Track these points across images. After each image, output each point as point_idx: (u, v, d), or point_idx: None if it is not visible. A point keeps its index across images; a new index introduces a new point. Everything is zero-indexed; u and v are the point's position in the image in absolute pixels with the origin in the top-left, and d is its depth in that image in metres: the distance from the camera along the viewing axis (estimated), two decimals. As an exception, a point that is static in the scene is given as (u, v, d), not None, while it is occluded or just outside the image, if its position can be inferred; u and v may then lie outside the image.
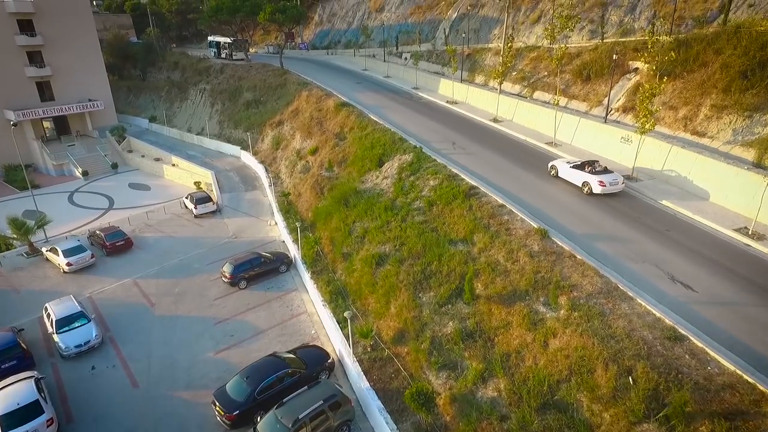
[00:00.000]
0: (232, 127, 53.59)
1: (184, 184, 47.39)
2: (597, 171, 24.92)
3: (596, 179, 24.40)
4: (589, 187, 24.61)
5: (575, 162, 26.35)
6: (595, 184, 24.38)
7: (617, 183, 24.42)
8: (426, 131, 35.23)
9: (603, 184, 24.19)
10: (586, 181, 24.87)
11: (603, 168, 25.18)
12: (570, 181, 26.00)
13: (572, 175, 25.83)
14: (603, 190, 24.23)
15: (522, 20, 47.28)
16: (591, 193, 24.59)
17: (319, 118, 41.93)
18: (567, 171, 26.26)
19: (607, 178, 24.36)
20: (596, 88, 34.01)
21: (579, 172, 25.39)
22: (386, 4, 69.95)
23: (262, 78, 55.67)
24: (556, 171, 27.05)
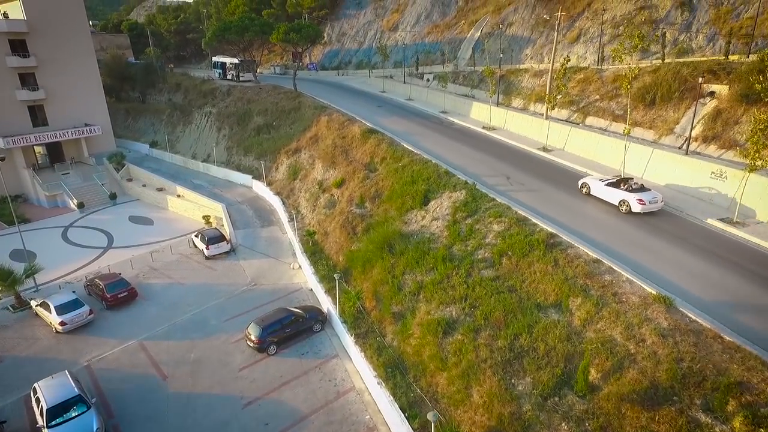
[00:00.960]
0: (241, 154, 49.49)
1: (190, 217, 43.04)
2: (634, 189, 23.59)
3: (635, 197, 23.14)
4: (628, 206, 23.37)
5: (609, 179, 25.05)
6: (634, 202, 23.15)
7: (657, 201, 23.13)
8: (471, 162, 31.31)
9: (643, 203, 22.94)
10: (623, 199, 23.61)
11: (640, 185, 23.85)
12: (604, 199, 24.74)
13: (607, 193, 24.55)
14: (643, 209, 22.96)
15: (559, 39, 43.96)
16: (629, 211, 23.31)
17: (344, 147, 37.94)
18: (601, 189, 24.92)
19: (647, 197, 23.10)
20: (663, 113, 30.38)
21: (615, 189, 24.14)
22: (400, 23, 66.92)
23: (273, 101, 51.85)
24: (588, 189, 25.71)
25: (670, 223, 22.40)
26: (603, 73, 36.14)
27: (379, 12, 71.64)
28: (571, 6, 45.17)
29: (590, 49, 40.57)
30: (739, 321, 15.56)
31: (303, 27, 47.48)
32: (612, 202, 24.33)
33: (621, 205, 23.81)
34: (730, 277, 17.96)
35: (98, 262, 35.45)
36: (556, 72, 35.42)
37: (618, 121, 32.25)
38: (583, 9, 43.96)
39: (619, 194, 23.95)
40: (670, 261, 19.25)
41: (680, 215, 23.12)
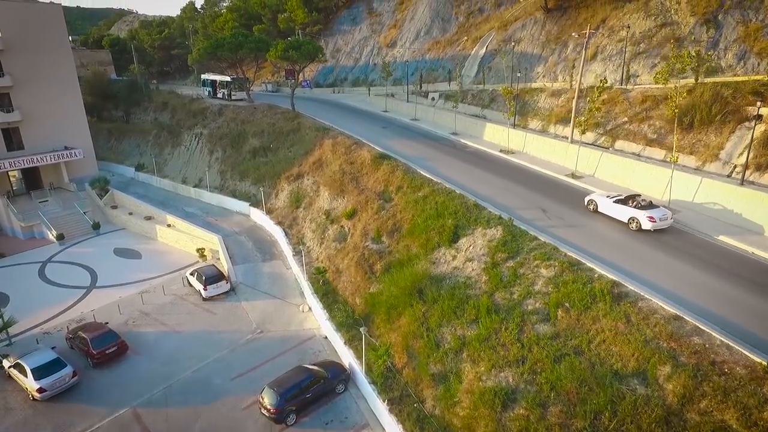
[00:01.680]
0: (236, 179, 46.19)
1: (182, 249, 39.49)
2: (643, 206, 23.56)
3: (645, 215, 23.07)
4: (638, 223, 23.30)
5: (617, 196, 25.09)
6: (644, 219, 23.04)
7: (667, 218, 23.13)
8: (498, 192, 28.68)
9: (653, 220, 22.90)
10: (633, 216, 23.52)
11: (648, 202, 23.78)
12: (613, 216, 24.54)
13: (616, 210, 24.41)
14: (653, 226, 22.88)
15: (573, 57, 42.06)
16: (639, 229, 23.17)
17: (353, 173, 35.05)
18: (609, 206, 24.76)
19: (657, 213, 23.07)
20: (703, 138, 28.24)
21: (624, 207, 24.01)
22: (398, 39, 64.79)
23: (270, 122, 48.81)
24: (595, 205, 25.55)
25: (731, 262, 19.96)
26: (628, 93, 34.10)
27: (376, 28, 69.53)
28: (584, 23, 43.33)
29: (609, 67, 38.64)
30: None
31: (302, 44, 44.85)
32: (621, 219, 24.11)
33: (630, 223, 23.64)
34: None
35: (81, 306, 31.68)
36: (588, 92, 33.30)
37: (652, 145, 30.06)
38: (597, 26, 42.17)
39: (629, 211, 23.72)
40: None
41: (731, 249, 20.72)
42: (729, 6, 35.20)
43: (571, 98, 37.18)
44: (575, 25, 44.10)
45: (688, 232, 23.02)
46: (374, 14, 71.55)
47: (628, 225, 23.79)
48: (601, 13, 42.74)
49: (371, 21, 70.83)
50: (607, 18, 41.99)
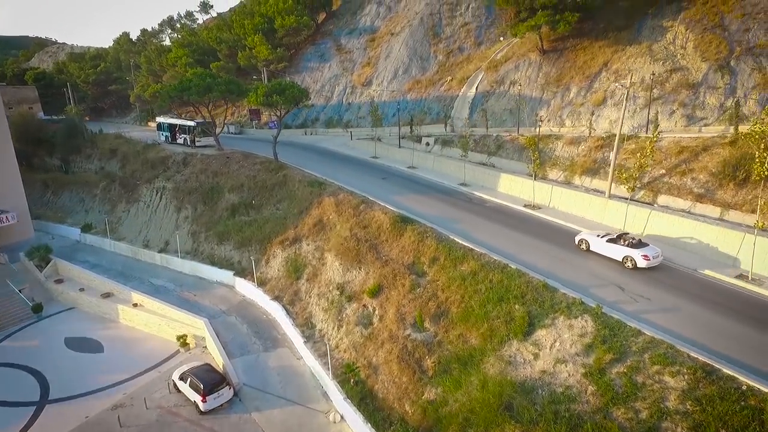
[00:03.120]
0: (213, 242, 39.78)
1: (156, 334, 32.63)
2: (634, 244, 24.28)
3: (639, 253, 23.81)
4: (633, 262, 23.91)
5: (607, 235, 25.80)
6: (639, 258, 23.74)
7: (658, 256, 24.01)
8: (554, 264, 25.03)
9: (647, 258, 23.64)
10: (628, 255, 24.12)
11: (638, 240, 24.54)
12: (606, 255, 25.15)
13: (609, 249, 25.02)
14: (647, 264, 23.63)
15: (579, 101, 40.33)
16: (635, 267, 23.84)
17: (369, 239, 30.29)
18: (602, 245, 25.38)
19: (650, 252, 23.88)
20: (764, 194, 26.29)
21: (616, 246, 24.67)
22: (374, 78, 61.45)
23: (249, 174, 43.04)
24: (587, 245, 26.15)
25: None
26: (659, 143, 32.21)
27: (347, 65, 65.93)
28: (584, 65, 42.08)
29: (627, 113, 36.92)
30: None
31: (286, 87, 40.02)
32: (615, 258, 24.73)
33: (625, 261, 24.27)
34: None
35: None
36: (639, 145, 31.09)
37: (703, 201, 27.90)
38: (599, 69, 40.89)
39: (622, 250, 24.39)
40: None
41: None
42: (740, 52, 34.78)
43: (592, 147, 35.00)
44: (575, 68, 42.74)
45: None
46: (344, 51, 68.09)
47: (623, 264, 24.35)
48: (601, 57, 41.60)
49: (341, 58, 67.22)
50: (609, 61, 40.84)
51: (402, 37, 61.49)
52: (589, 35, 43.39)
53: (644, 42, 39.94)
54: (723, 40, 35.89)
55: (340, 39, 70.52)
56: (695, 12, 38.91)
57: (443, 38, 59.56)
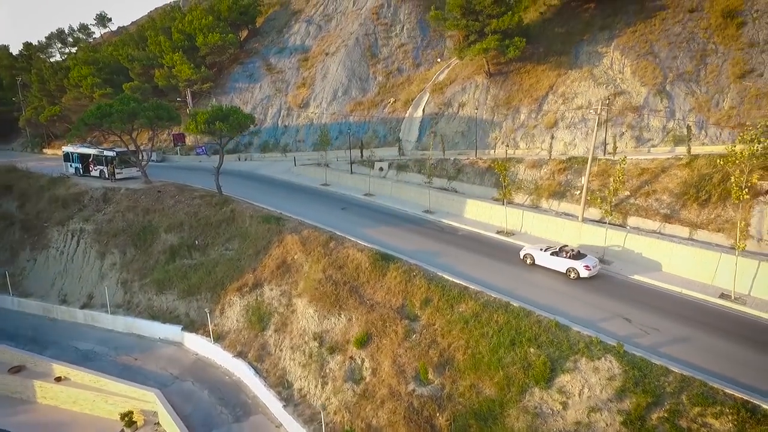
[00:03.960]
0: (151, 291, 34.43)
1: (90, 413, 27.14)
2: (575, 255, 26.07)
3: (581, 264, 25.53)
4: (576, 272, 25.62)
5: (550, 248, 27.26)
6: (581, 268, 25.47)
7: (597, 266, 25.99)
8: (552, 296, 24.19)
9: (589, 269, 25.46)
10: (572, 267, 25.76)
11: (577, 251, 26.40)
12: (551, 268, 26.57)
13: (553, 262, 26.51)
14: (589, 274, 25.43)
15: (532, 124, 40.97)
16: (578, 277, 25.53)
17: (348, 281, 27.56)
18: (546, 258, 26.75)
19: (590, 262, 25.81)
20: (722, 213, 27.77)
21: (560, 258, 26.24)
22: (312, 99, 58.63)
23: (189, 210, 38.14)
24: (532, 259, 27.46)
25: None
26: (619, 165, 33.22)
27: (280, 86, 62.36)
28: (531, 88, 43.00)
29: (577, 135, 38.06)
30: None
31: (230, 113, 35.92)
32: (559, 270, 26.27)
33: (569, 273, 25.87)
34: None
35: None
36: (601, 167, 31.63)
37: (671, 222, 28.90)
38: (546, 92, 41.95)
39: (566, 262, 26.01)
40: None
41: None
42: (672, 78, 37.33)
43: (555, 170, 35.40)
44: (522, 91, 43.53)
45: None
46: (274, 70, 64.46)
47: (567, 275, 25.94)
48: (546, 80, 42.76)
49: (273, 78, 63.50)
50: (555, 84, 42.05)
51: (338, 57, 59.51)
52: (531, 59, 44.51)
53: (584, 66, 41.66)
54: (656, 66, 38.34)
55: (269, 58, 66.80)
56: (626, 39, 41.37)
57: (381, 59, 58.57)
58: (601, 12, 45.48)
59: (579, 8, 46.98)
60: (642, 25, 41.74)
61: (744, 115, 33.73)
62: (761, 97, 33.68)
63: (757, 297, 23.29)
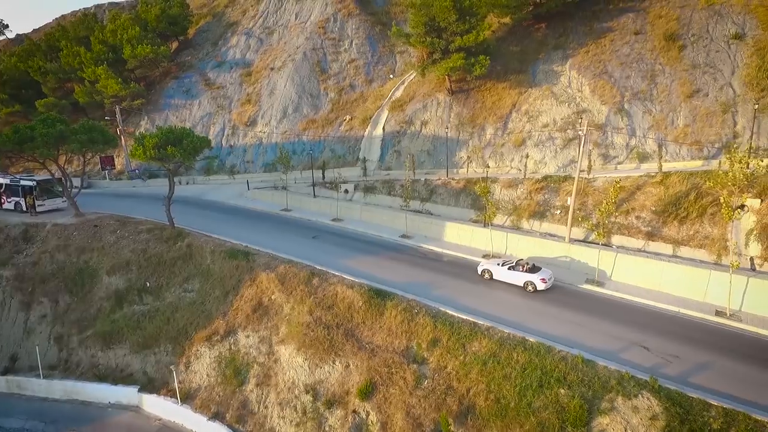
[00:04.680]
0: (96, 347, 29.28)
1: None
2: (531, 269, 26.73)
3: (538, 277, 26.12)
4: (533, 286, 26.16)
5: (506, 262, 27.95)
6: (538, 282, 26.05)
7: (552, 278, 26.57)
8: (559, 325, 23.14)
9: (545, 281, 26.12)
10: (529, 280, 26.28)
11: (532, 265, 27.05)
12: (509, 282, 27.08)
13: (511, 276, 27.03)
14: (545, 287, 26.07)
15: (500, 142, 40.72)
16: (535, 290, 26.07)
17: (342, 324, 24.89)
18: (504, 273, 27.31)
19: (546, 275, 26.40)
20: (701, 229, 28.63)
21: (517, 272, 26.84)
22: (259, 117, 54.88)
23: (135, 246, 33.22)
24: (490, 274, 27.98)
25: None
26: (594, 183, 33.62)
27: (222, 102, 57.81)
28: (494, 106, 42.94)
29: (547, 153, 38.22)
30: None
31: (184, 135, 31.64)
32: (517, 284, 26.75)
33: (527, 286, 26.38)
34: None
35: None
36: (587, 187, 31.53)
37: (654, 239, 29.38)
38: (509, 110, 42.06)
39: (523, 276, 26.55)
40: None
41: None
42: (629, 97, 38.82)
43: (531, 189, 35.12)
44: (485, 108, 43.35)
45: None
46: (214, 86, 59.75)
47: (525, 288, 26.42)
48: (507, 98, 42.92)
49: (213, 94, 58.77)
50: (517, 102, 42.30)
51: (285, 72, 56.33)
52: (490, 77, 44.51)
53: (543, 85, 42.32)
54: (613, 86, 39.71)
55: (207, 72, 61.91)
56: (581, 59, 42.63)
57: (331, 74, 56.23)
58: (552, 32, 46.79)
59: (531, 27, 48.06)
60: (594, 46, 43.30)
61: (698, 133, 35.65)
62: (711, 116, 35.83)
63: (750, 312, 23.86)
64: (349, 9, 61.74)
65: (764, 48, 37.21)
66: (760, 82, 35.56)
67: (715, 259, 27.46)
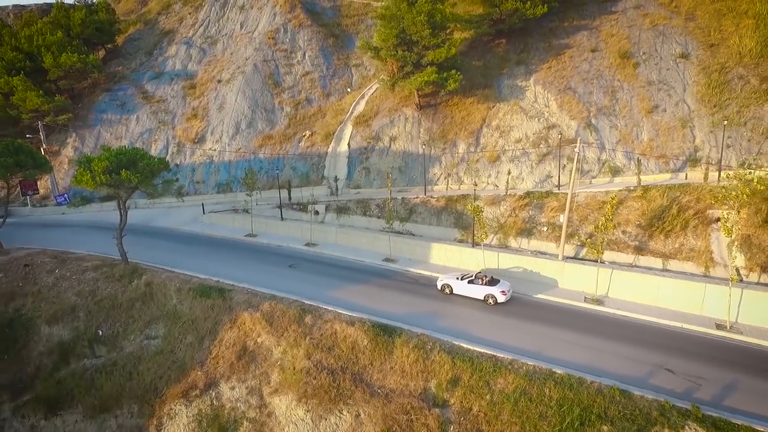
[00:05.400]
0: (38, 415, 24.11)
1: None
2: (490, 282, 26.68)
3: (498, 290, 26.20)
4: (494, 299, 26.18)
5: (466, 276, 27.80)
6: (498, 294, 26.12)
7: (510, 290, 26.75)
8: (578, 352, 22.22)
9: (505, 294, 26.22)
10: (489, 293, 26.25)
11: (490, 278, 26.97)
12: (469, 296, 26.92)
13: (471, 290, 26.88)
14: (505, 299, 26.18)
15: (474, 158, 39.96)
16: (495, 303, 26.07)
17: (347, 367, 22.23)
18: (464, 287, 27.12)
19: (505, 287, 26.52)
20: (685, 242, 29.21)
21: (477, 285, 26.72)
22: (208, 133, 50.48)
23: (81, 288, 28.23)
24: (450, 289, 27.69)
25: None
26: (576, 198, 33.55)
27: (163, 117, 52.57)
28: (464, 121, 42.28)
29: (523, 169, 37.92)
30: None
31: (139, 157, 27.22)
32: (477, 298, 26.67)
33: (487, 299, 26.32)
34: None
35: None
36: (560, 202, 31.07)
37: (643, 254, 29.57)
38: (480, 125, 41.58)
39: (483, 289, 26.46)
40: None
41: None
42: (595, 112, 39.70)
43: (515, 206, 34.45)
44: (454, 123, 42.58)
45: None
46: (153, 99, 54.34)
47: (485, 302, 26.37)
48: (476, 113, 42.47)
49: (153, 108, 53.34)
50: (487, 117, 41.95)
51: (236, 85, 52.40)
52: (457, 91, 43.92)
53: (510, 99, 42.37)
54: (579, 101, 40.46)
55: (144, 84, 56.27)
56: (544, 74, 43.25)
57: (285, 88, 53.12)
58: (513, 47, 47.26)
59: (491, 43, 48.28)
60: (555, 62, 44.12)
61: (663, 147, 36.99)
62: (672, 131, 37.34)
63: (748, 324, 24.35)
64: (300, 20, 59.15)
65: (709, 67, 39.62)
66: (711, 99, 37.67)
67: (703, 271, 28.04)
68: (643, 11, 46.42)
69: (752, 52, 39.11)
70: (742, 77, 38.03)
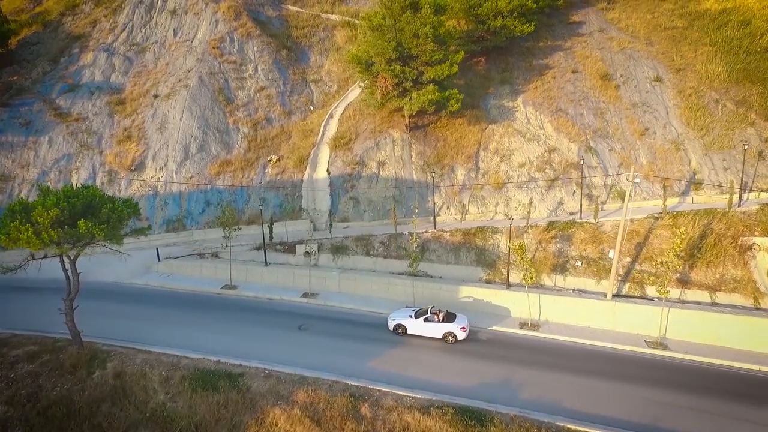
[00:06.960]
0: None
1: None
2: (446, 317, 24.50)
3: (458, 327, 24.00)
4: (454, 336, 24.00)
5: (419, 312, 25.33)
6: (458, 331, 23.97)
7: (469, 325, 24.66)
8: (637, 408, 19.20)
9: (464, 329, 24.10)
10: (449, 331, 24.00)
11: (446, 313, 24.88)
12: (425, 335, 24.46)
13: (427, 328, 24.40)
14: (465, 335, 24.12)
15: (477, 185, 36.51)
16: (455, 341, 23.97)
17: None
18: (419, 325, 24.56)
19: (464, 323, 24.31)
20: (725, 272, 28.01)
21: (433, 323, 24.35)
22: (148, 159, 41.64)
23: (14, 392, 19.25)
24: (403, 329, 24.84)
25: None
26: (602, 227, 31.33)
27: (86, 139, 42.49)
28: (458, 144, 38.88)
29: (534, 196, 35.15)
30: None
31: (102, 202, 19.22)
32: (436, 337, 24.27)
33: (447, 337, 24.10)
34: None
35: None
36: (598, 233, 28.38)
37: (689, 287, 27.83)
38: (476, 148, 38.43)
39: (441, 327, 24.12)
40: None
41: None
42: (591, 134, 38.47)
43: (542, 239, 31.37)
44: (448, 147, 39.03)
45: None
46: (70, 117, 43.95)
47: (444, 340, 24.10)
48: (470, 135, 39.33)
49: (70, 128, 42.97)
50: (482, 140, 38.94)
51: (179, 101, 44.09)
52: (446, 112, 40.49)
53: (503, 121, 39.93)
54: (573, 123, 39.04)
55: (55, 99, 45.50)
56: (532, 95, 41.56)
57: (240, 105, 45.86)
58: (494, 66, 45.18)
59: (470, 60, 45.72)
60: (539, 82, 42.64)
61: (662, 170, 36.45)
62: (667, 154, 37.07)
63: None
64: (248, 28, 52.33)
65: (683, 91, 40.37)
66: (696, 122, 38.09)
67: (753, 303, 26.92)
68: (607, 34, 46.97)
69: (720, 77, 40.56)
70: (717, 101, 39.04)
